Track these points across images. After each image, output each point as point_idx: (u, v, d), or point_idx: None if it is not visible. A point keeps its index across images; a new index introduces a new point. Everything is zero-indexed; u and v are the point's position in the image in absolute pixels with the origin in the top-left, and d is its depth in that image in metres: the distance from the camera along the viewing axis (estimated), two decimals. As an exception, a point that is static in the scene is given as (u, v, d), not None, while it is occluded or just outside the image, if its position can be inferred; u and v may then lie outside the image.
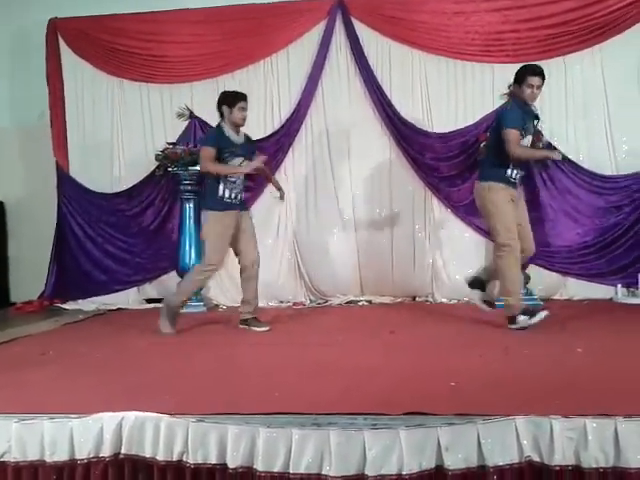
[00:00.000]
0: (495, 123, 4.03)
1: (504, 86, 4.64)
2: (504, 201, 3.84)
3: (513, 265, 3.82)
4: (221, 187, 4.08)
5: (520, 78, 3.85)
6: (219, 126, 4.17)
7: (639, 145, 5.07)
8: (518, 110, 3.83)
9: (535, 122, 3.98)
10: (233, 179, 4.11)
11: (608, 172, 5.12)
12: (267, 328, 4.14)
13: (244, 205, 4.34)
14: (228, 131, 4.12)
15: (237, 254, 4.25)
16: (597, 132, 5.15)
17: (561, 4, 5.05)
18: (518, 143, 3.76)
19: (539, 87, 3.83)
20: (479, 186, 3.96)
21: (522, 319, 3.79)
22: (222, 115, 4.17)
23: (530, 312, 3.82)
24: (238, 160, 4.12)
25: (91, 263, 5.64)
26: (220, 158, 4.07)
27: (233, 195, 4.12)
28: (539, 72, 3.83)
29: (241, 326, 4.21)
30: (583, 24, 5.03)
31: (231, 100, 4.16)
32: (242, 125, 4.19)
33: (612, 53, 5.07)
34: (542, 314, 3.77)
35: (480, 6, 5.16)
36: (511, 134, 3.73)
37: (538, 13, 5.08)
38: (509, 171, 3.86)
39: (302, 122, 5.41)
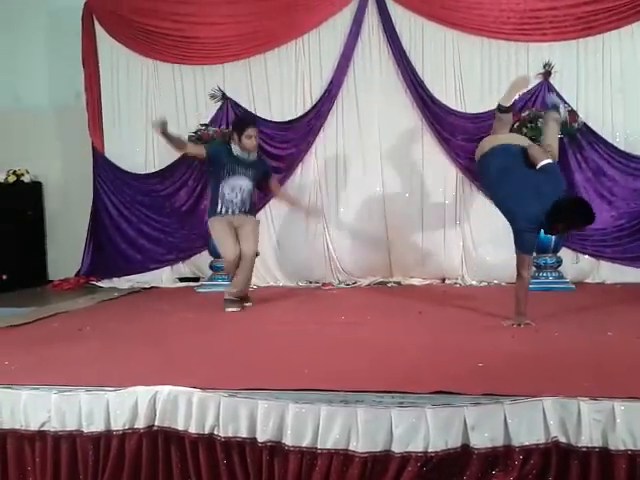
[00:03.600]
0: None
1: (539, 65, 4.59)
2: None
3: None
4: (219, 202, 4.32)
5: None
6: (229, 144, 4.35)
7: (678, 126, 4.94)
8: None
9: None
10: (230, 197, 4.30)
11: (645, 154, 5.00)
12: (236, 309, 4.22)
13: (245, 213, 4.40)
14: (235, 148, 4.29)
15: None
16: (634, 113, 5.02)
17: (601, -21, 4.90)
18: None
19: None
20: None
21: None
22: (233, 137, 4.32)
23: None
24: (238, 180, 4.29)
25: (126, 242, 5.78)
26: (219, 174, 4.29)
27: (230, 211, 4.32)
28: None
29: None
30: (622, 0, 4.88)
31: (239, 128, 4.29)
32: (252, 151, 4.33)
33: (653, 31, 4.92)
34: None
35: (516, -18, 5.05)
36: None
37: (577, -11, 4.95)
38: None
39: (333, 103, 5.39)
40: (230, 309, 4.23)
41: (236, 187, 4.33)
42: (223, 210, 4.32)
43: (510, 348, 2.98)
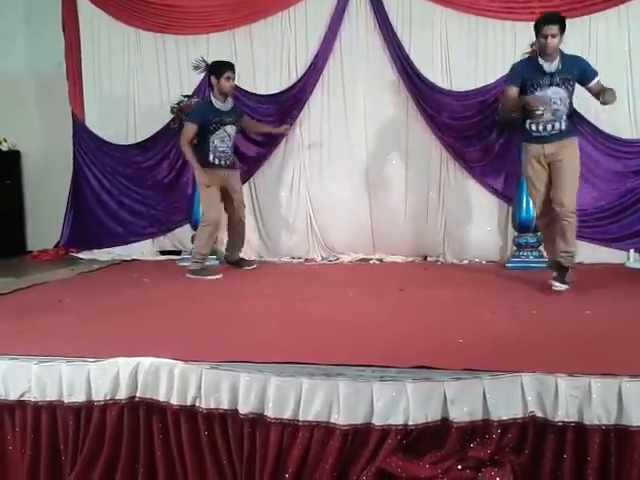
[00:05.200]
0: None
1: (526, 44, 4.57)
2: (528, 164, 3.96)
3: None
4: (211, 153, 4.55)
5: (535, 30, 3.78)
6: (209, 100, 4.54)
7: (661, 109, 4.97)
8: (520, 65, 3.90)
9: (557, 75, 3.82)
10: (222, 148, 4.56)
11: (628, 136, 5.03)
12: (215, 277, 4.49)
13: (234, 165, 4.80)
14: (216, 102, 4.51)
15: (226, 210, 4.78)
16: (619, 95, 5.00)
17: (590, -42, 4.88)
18: (508, 98, 3.89)
19: (554, 36, 3.67)
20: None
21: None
22: (211, 85, 4.47)
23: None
24: (226, 129, 4.54)
25: (106, 214, 5.71)
26: (208, 130, 4.48)
27: (222, 162, 4.60)
28: (549, 19, 3.70)
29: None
30: (612, -20, 4.88)
31: (218, 70, 4.46)
32: (229, 94, 4.56)
33: (637, 13, 4.91)
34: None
35: (505, -41, 5.01)
36: (504, 90, 3.98)
37: (565, -32, 4.92)
38: (527, 125, 3.90)
39: (319, 77, 5.33)
40: (209, 276, 4.48)
41: (225, 137, 4.57)
42: (216, 161, 4.57)
43: (489, 325, 3.02)
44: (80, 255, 5.61)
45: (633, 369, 2.17)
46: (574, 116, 4.35)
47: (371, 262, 5.28)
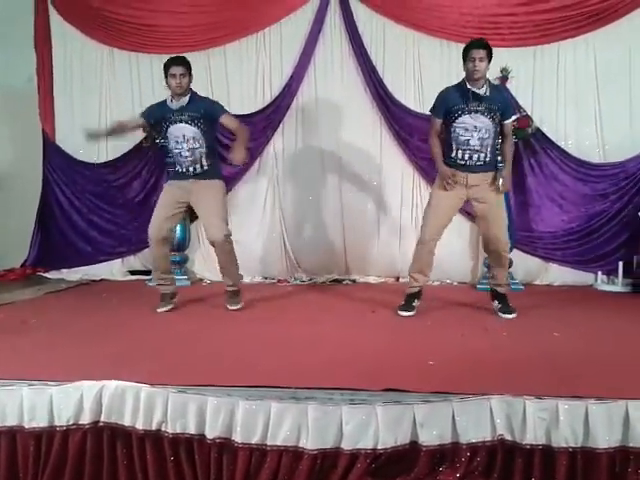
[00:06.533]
0: None
1: (496, 70, 4.66)
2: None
3: None
4: (173, 159, 4.06)
5: (464, 56, 3.72)
6: (164, 99, 4.02)
7: (627, 134, 5.09)
8: (443, 93, 3.83)
9: (484, 102, 3.71)
10: (177, 150, 3.93)
11: (596, 160, 5.14)
12: (239, 306, 4.05)
13: (206, 175, 3.98)
14: (169, 101, 3.94)
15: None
16: (586, 120, 5.16)
17: (558, -12, 5.03)
18: (433, 129, 3.80)
19: (481, 59, 3.62)
20: None
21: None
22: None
23: (405, 305, 3.87)
24: (176, 129, 3.89)
25: (75, 233, 5.61)
26: (161, 132, 4.06)
27: (184, 169, 3.95)
28: (477, 44, 3.65)
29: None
30: (578, 10, 5.00)
31: (164, 68, 3.94)
32: (178, 92, 3.87)
33: (604, 42, 5.06)
34: (412, 312, 3.82)
35: (476, -13, 5.13)
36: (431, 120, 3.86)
37: (535, -3, 5.06)
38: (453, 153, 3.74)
39: (293, 98, 5.36)
40: (232, 307, 4.05)
41: (179, 137, 3.91)
42: (177, 167, 3.98)
43: (460, 347, 3.02)
44: (48, 275, 5.50)
45: (599, 391, 2.19)
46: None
47: (344, 283, 5.27)
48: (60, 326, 3.51)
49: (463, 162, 3.74)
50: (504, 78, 4.88)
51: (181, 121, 3.89)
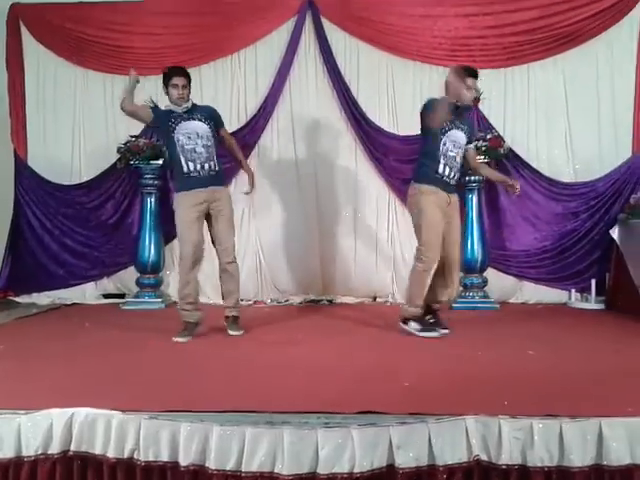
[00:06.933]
0: None
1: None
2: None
3: None
4: (182, 160, 3.77)
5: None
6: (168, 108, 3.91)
7: (596, 154, 5.21)
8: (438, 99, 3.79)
9: (465, 122, 3.85)
10: (190, 146, 3.76)
11: (567, 179, 5.24)
12: (240, 332, 3.89)
13: (219, 179, 3.90)
14: (173, 108, 3.85)
15: (213, 243, 3.93)
16: (557, 140, 5.27)
17: (526, 13, 5.15)
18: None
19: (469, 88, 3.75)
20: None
21: (413, 325, 3.76)
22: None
23: (426, 325, 3.76)
24: (188, 124, 3.78)
25: (47, 256, 5.52)
26: (167, 130, 3.81)
27: (199, 166, 3.77)
28: (475, 73, 3.80)
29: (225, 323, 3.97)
30: (547, 33, 5.15)
31: (164, 79, 3.87)
32: (179, 104, 3.80)
33: (573, 63, 5.20)
34: (438, 333, 3.71)
35: (448, 11, 5.23)
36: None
37: (504, 20, 5.18)
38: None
39: (268, 119, 5.39)
40: (233, 332, 3.86)
41: (192, 133, 3.78)
42: (190, 166, 3.75)
43: (435, 367, 3.02)
44: (18, 299, 5.40)
45: (573, 409, 2.20)
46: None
47: (321, 303, 5.26)
48: (30, 352, 3.43)
49: (448, 180, 3.73)
50: (476, 99, 4.95)
51: (193, 119, 3.81)
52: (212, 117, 3.92)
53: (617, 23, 5.13)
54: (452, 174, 3.73)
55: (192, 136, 3.79)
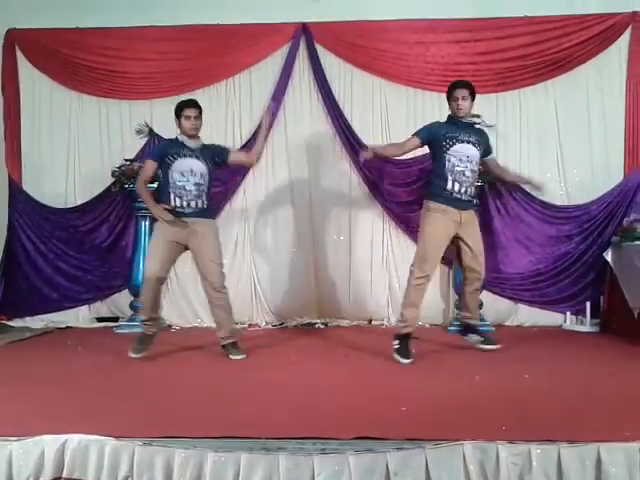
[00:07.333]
0: None
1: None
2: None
3: None
4: (172, 195, 3.84)
5: (448, 96, 3.94)
6: (175, 137, 4.01)
7: (588, 177, 5.26)
8: (434, 123, 3.98)
9: (474, 135, 3.90)
10: (181, 183, 3.81)
11: (559, 202, 5.28)
12: (242, 356, 3.90)
13: (204, 213, 3.93)
14: (181, 137, 3.93)
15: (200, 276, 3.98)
16: (549, 164, 5.32)
17: (516, 39, 5.24)
18: (406, 146, 3.97)
19: (464, 98, 3.84)
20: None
21: (395, 356, 3.71)
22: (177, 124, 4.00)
23: (404, 351, 3.70)
24: (185, 161, 3.83)
25: (41, 279, 5.48)
26: (165, 165, 3.85)
27: (185, 203, 3.83)
28: (460, 83, 3.90)
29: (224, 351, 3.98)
30: (537, 59, 5.23)
31: (176, 110, 3.95)
32: (192, 134, 3.91)
33: (564, 88, 5.27)
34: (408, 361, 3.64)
35: (440, 37, 5.31)
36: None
37: (494, 47, 5.26)
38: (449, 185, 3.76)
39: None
40: (236, 356, 3.88)
41: (186, 171, 3.82)
42: (177, 201, 3.80)
43: (432, 392, 3.00)
44: (11, 323, 5.34)
45: (571, 434, 2.19)
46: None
47: (316, 326, 5.24)
48: (22, 377, 3.39)
49: (459, 196, 3.76)
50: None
51: (192, 156, 3.88)
52: (215, 155, 4.02)
53: (606, 49, 5.22)
54: (463, 189, 3.77)
55: (185, 173, 3.84)
